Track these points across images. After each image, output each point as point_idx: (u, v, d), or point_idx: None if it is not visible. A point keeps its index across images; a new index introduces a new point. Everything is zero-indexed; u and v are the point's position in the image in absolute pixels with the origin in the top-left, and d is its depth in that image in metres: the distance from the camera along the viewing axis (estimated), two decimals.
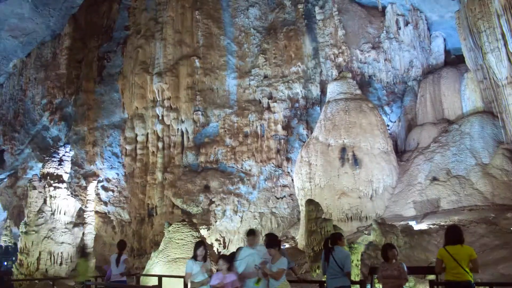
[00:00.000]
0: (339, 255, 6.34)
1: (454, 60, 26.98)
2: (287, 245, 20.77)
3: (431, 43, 27.25)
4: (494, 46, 17.66)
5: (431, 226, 16.15)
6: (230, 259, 5.76)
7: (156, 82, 24.57)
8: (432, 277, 9.46)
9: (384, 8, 27.05)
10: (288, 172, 24.66)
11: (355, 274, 11.24)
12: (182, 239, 13.45)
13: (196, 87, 25.12)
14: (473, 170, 19.36)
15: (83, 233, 21.01)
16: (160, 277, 10.66)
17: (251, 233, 6.34)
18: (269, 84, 25.70)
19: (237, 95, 26.02)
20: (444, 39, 27.35)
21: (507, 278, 10.67)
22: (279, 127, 24.93)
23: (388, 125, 25.63)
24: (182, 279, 8.88)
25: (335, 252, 6.39)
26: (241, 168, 24.41)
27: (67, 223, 20.19)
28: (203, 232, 21.06)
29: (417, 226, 16.40)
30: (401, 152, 24.49)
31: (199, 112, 24.80)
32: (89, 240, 21.28)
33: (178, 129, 24.87)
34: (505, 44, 17.34)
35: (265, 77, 25.99)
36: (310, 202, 15.48)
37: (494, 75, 18.44)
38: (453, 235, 5.24)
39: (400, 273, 5.88)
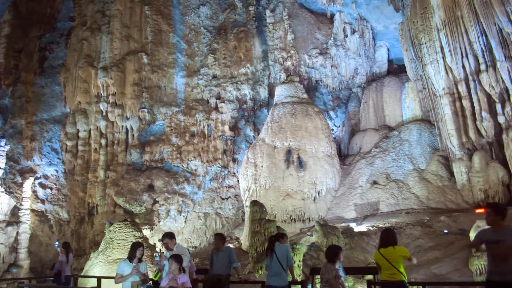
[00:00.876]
0: (279, 250, 6.47)
1: (396, 69, 28.21)
2: (231, 246, 20.80)
3: (376, 52, 28.35)
4: (433, 58, 18.63)
5: (370, 228, 16.75)
6: (181, 259, 5.69)
7: (101, 76, 23.75)
8: (370, 277, 9.80)
9: (332, 15, 27.79)
10: (234, 173, 24.73)
11: (297, 274, 11.44)
12: (123, 239, 13.08)
13: (143, 84, 24.56)
14: (411, 175, 20.35)
15: (17, 232, 19.94)
16: (99, 279, 10.31)
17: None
18: (218, 84, 25.64)
19: (185, 94, 25.73)
20: (388, 49, 28.55)
21: (439, 277, 11.27)
22: (227, 127, 24.95)
23: (332, 130, 26.38)
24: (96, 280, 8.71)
25: (276, 248, 6.50)
26: (187, 167, 24.17)
27: (0, 222, 19.10)
28: (146, 232, 20.64)
29: (357, 228, 16.95)
30: (344, 156, 25.28)
31: (145, 110, 24.27)
32: (24, 240, 20.22)
33: (122, 126, 24.16)
34: (443, 57, 18.35)
35: (214, 77, 25.91)
36: (254, 203, 15.56)
37: (433, 86, 19.46)
38: (386, 237, 5.49)
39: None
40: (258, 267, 13.40)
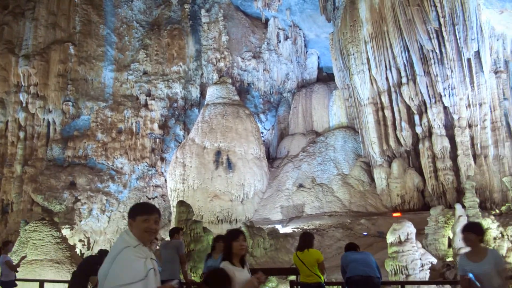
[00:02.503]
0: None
1: (325, 77, 29.23)
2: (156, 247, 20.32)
3: (307, 59, 29.19)
4: (360, 69, 19.55)
5: (295, 229, 17.18)
6: None
7: (22, 65, 22.22)
8: (293, 277, 10.04)
9: (267, 20, 28.21)
10: (162, 172, 24.23)
11: None
12: (40, 239, 12.28)
13: (68, 76, 23.31)
14: (335, 179, 21.17)
15: None
16: (41, 282, 9.61)
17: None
18: (149, 80, 25.02)
19: (113, 89, 24.79)
20: (319, 57, 29.51)
21: None
22: (156, 125, 24.39)
23: (262, 132, 26.73)
24: (38, 283, 8.16)
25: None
26: (112, 165, 23.28)
27: None
28: (66, 232, 19.56)
29: (282, 230, 17.30)
30: (273, 159, 25.74)
31: (70, 103, 23.02)
32: None
33: (44, 119, 22.73)
34: (369, 69, 19.33)
35: (145, 73, 25.25)
36: (181, 204, 15.35)
37: (358, 95, 20.40)
38: (302, 241, 5.67)
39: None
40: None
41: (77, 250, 19.48)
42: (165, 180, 22.99)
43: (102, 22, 24.96)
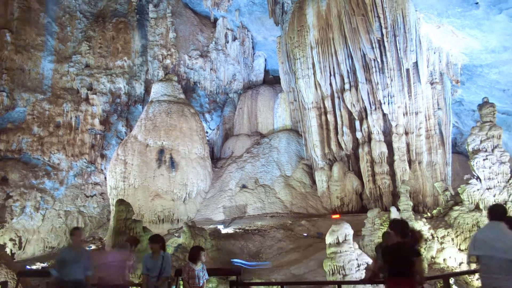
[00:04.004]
0: None
1: (271, 79, 29.58)
2: (93, 247, 19.63)
3: (254, 61, 29.39)
4: (305, 74, 19.96)
5: (237, 230, 17.22)
6: None
7: None
8: (233, 278, 10.05)
9: (216, 20, 28.12)
10: (102, 170, 23.42)
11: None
12: None
13: (3, 64, 21.94)
14: (277, 180, 21.46)
15: None
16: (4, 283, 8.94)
17: None
18: (91, 74, 24.11)
19: (52, 81, 23.64)
20: (266, 60, 29.81)
21: (298, 278, 12.03)
22: (97, 121, 23.55)
23: (207, 132, 26.61)
24: None
25: None
26: (49, 161, 22.19)
27: None
28: None
29: (224, 230, 17.30)
30: (217, 159, 25.68)
31: (4, 93, 21.67)
32: None
33: None
34: (314, 74, 19.79)
35: (87, 66, 24.32)
36: (120, 202, 14.90)
37: (303, 99, 20.82)
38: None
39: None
40: None
41: (8, 250, 18.46)
42: (105, 178, 22.25)
43: (43, 10, 23.72)
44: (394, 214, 12.40)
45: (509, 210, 12.28)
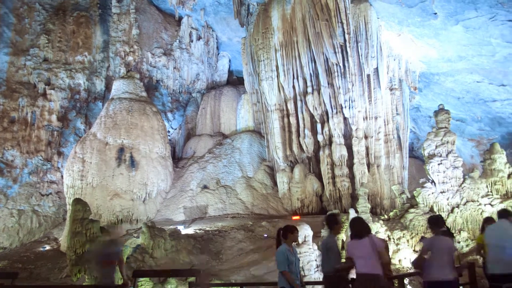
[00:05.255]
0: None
1: (235, 80, 29.59)
2: (47, 247, 18.98)
3: (218, 61, 29.31)
4: (269, 76, 20.08)
5: (197, 230, 17.11)
6: None
7: None
8: (192, 279, 9.98)
9: (180, 18, 27.86)
10: (59, 168, 22.68)
11: (119, 277, 11.00)
12: None
13: None
14: (239, 181, 21.47)
15: None
16: None
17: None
18: (49, 68, 23.32)
19: (8, 74, 22.70)
20: (230, 60, 29.78)
21: (257, 278, 12.07)
22: (54, 117, 22.79)
23: (169, 131, 26.30)
24: None
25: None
26: (2, 157, 21.27)
27: None
28: None
29: (184, 231, 17.13)
30: (178, 158, 25.42)
31: None
32: None
33: None
34: (278, 76, 19.94)
35: (45, 60, 23.51)
36: (77, 202, 14.51)
37: (266, 101, 20.94)
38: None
39: None
40: (76, 271, 12.51)
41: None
42: (62, 176, 21.57)
43: None
44: (352, 215, 12.67)
45: (461, 212, 12.80)
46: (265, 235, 16.32)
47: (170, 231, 15.66)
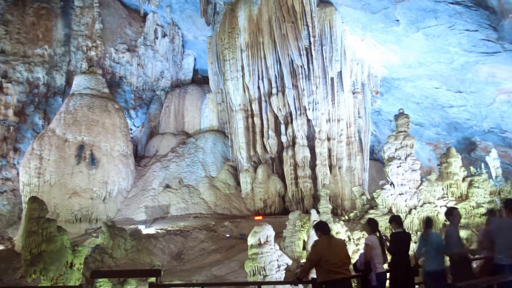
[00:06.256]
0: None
1: (200, 79, 29.40)
2: (1, 247, 18.23)
3: (183, 60, 29.04)
4: (234, 76, 20.08)
5: (159, 230, 16.90)
6: None
7: None
8: (153, 279, 9.84)
9: (146, 14, 27.43)
10: (14, 164, 21.83)
11: (76, 278, 10.74)
12: None
13: None
14: (202, 181, 21.36)
15: None
16: None
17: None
18: (6, 61, 22.42)
19: None
20: (195, 59, 29.57)
21: (219, 279, 12.05)
22: (11, 111, 21.92)
23: (131, 129, 25.84)
24: None
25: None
26: None
27: None
28: None
29: (145, 230, 16.90)
30: (140, 157, 25.01)
31: None
32: None
33: None
34: (243, 76, 19.97)
35: (2, 51, 22.58)
36: (33, 200, 13.98)
37: (230, 101, 20.93)
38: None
39: None
40: (31, 271, 12.08)
41: None
42: (18, 173, 20.78)
43: None
44: (314, 216, 12.85)
45: (418, 214, 13.20)
46: (228, 235, 16.31)
47: (130, 231, 15.42)
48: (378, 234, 5.56)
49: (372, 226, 5.51)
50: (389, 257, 5.60)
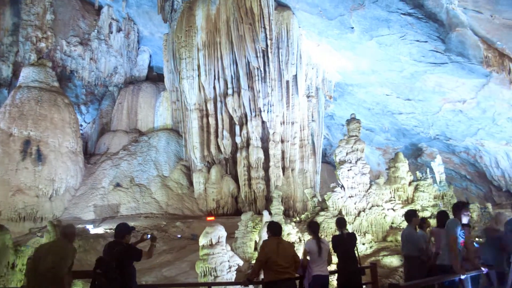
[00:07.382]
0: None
1: (155, 77, 28.91)
2: None
3: (138, 56, 28.46)
4: (190, 75, 19.90)
5: (108, 230, 16.46)
6: None
7: None
8: None
9: (100, 7, 26.67)
10: None
11: (18, 279, 10.26)
12: None
13: None
14: (154, 180, 21.01)
15: None
16: None
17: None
18: None
19: None
20: (151, 56, 29.05)
21: (170, 279, 11.89)
22: None
23: (81, 125, 25.04)
24: None
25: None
26: None
27: None
28: None
29: (94, 230, 16.43)
30: (90, 154, 24.27)
31: None
32: None
33: None
34: (199, 75, 19.83)
35: None
36: None
37: (186, 100, 20.73)
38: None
39: None
40: None
41: None
42: None
43: None
44: (266, 217, 12.97)
45: (367, 216, 13.62)
46: (179, 236, 16.14)
47: (78, 231, 14.92)
48: (313, 237, 5.54)
49: (312, 229, 5.58)
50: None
